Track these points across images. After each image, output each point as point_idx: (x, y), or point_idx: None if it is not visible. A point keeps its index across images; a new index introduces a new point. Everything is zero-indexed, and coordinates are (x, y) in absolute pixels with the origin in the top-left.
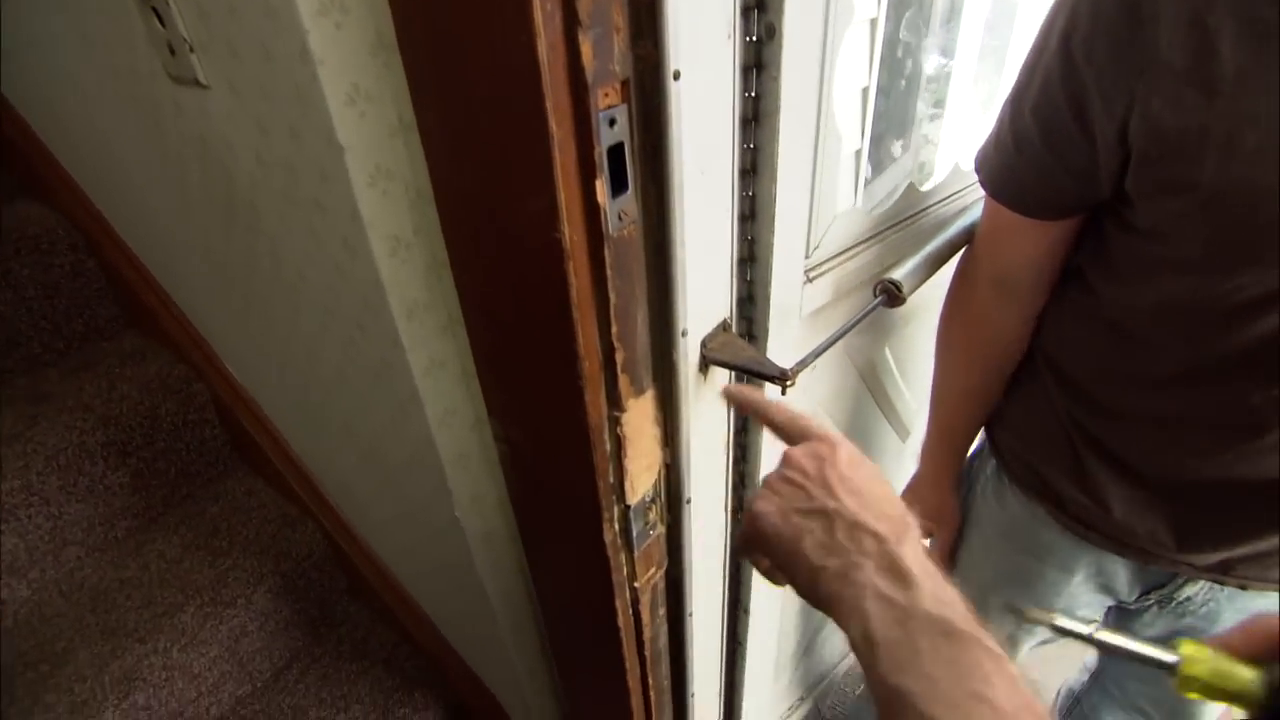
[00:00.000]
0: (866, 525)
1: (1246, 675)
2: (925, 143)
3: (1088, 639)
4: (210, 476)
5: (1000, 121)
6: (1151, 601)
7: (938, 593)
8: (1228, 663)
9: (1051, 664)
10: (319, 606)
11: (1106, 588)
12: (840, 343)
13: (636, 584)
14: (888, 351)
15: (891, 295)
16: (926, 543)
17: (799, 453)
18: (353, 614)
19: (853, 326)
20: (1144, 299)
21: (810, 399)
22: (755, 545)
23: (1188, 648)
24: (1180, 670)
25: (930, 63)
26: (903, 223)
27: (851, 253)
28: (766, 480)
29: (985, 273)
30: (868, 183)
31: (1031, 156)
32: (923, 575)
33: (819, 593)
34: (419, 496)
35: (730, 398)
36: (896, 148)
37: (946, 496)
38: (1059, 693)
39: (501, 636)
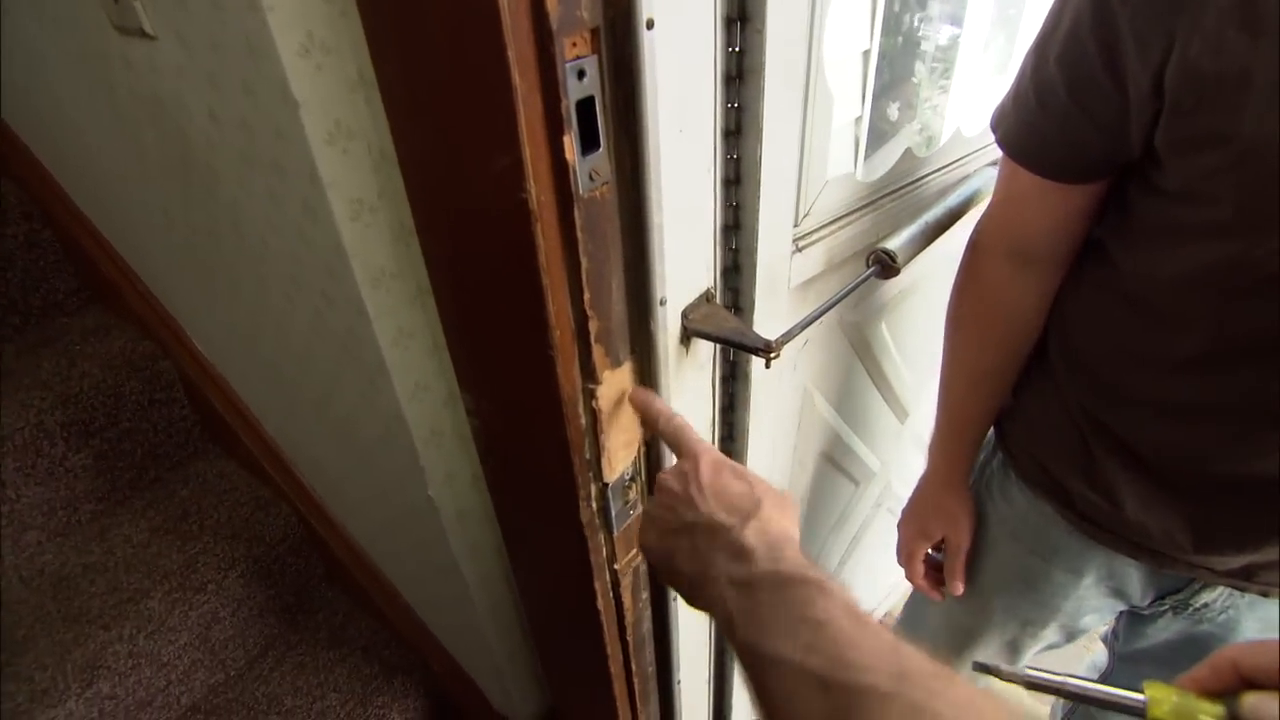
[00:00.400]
0: (718, 523)
1: (1211, 711)
2: (933, 113)
3: (1059, 690)
4: (179, 458)
5: (1021, 74)
6: (1166, 607)
7: (772, 553)
8: (1192, 700)
9: (1057, 658)
10: (294, 592)
11: (1118, 591)
12: (834, 318)
13: (617, 566)
14: (884, 328)
15: (885, 266)
16: (932, 551)
17: (668, 476)
18: (330, 600)
19: (842, 298)
20: (1167, 270)
21: (801, 376)
22: (656, 576)
23: (1153, 690)
24: (1147, 713)
25: (939, 32)
26: (900, 190)
27: (844, 221)
28: (644, 510)
29: (1000, 243)
30: (868, 155)
31: (1055, 111)
32: (759, 545)
33: (700, 601)
34: (392, 475)
35: (633, 402)
36: (894, 109)
37: (959, 495)
38: None
39: (480, 621)
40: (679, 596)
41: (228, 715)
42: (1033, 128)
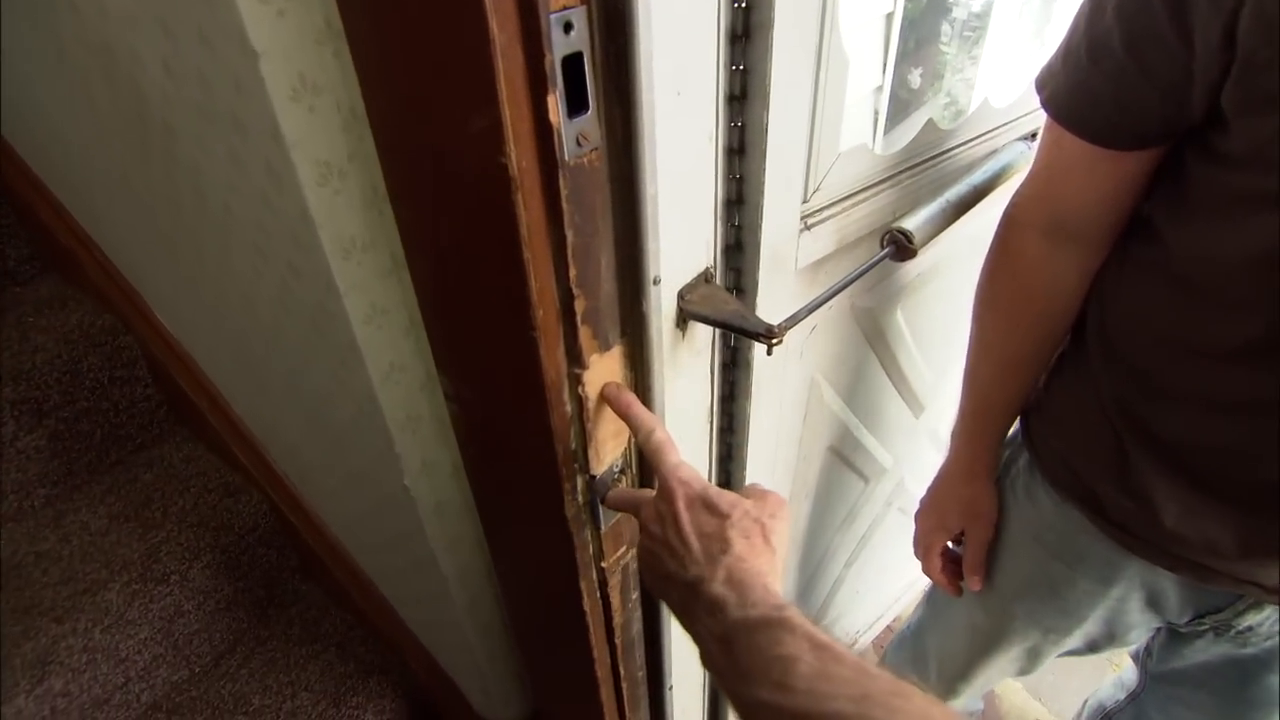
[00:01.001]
0: (692, 578)
1: None
2: (962, 84)
3: None
4: (143, 441)
5: (1073, 29)
6: (1206, 626)
7: (741, 599)
8: None
9: (1076, 673)
10: (265, 585)
11: (1154, 605)
12: (845, 303)
13: (604, 564)
14: (899, 315)
15: (901, 246)
16: (951, 544)
17: (650, 516)
18: (304, 594)
19: (853, 280)
20: (1224, 248)
21: (808, 365)
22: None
23: None
24: None
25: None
26: (920, 165)
27: (858, 198)
28: (637, 548)
29: (1038, 217)
30: (887, 127)
31: (1110, 69)
32: (728, 594)
33: (700, 655)
34: (366, 462)
35: (609, 401)
36: (916, 77)
37: (981, 487)
38: (1084, 704)
39: (459, 618)
40: None
41: (191, 714)
42: (1083, 88)
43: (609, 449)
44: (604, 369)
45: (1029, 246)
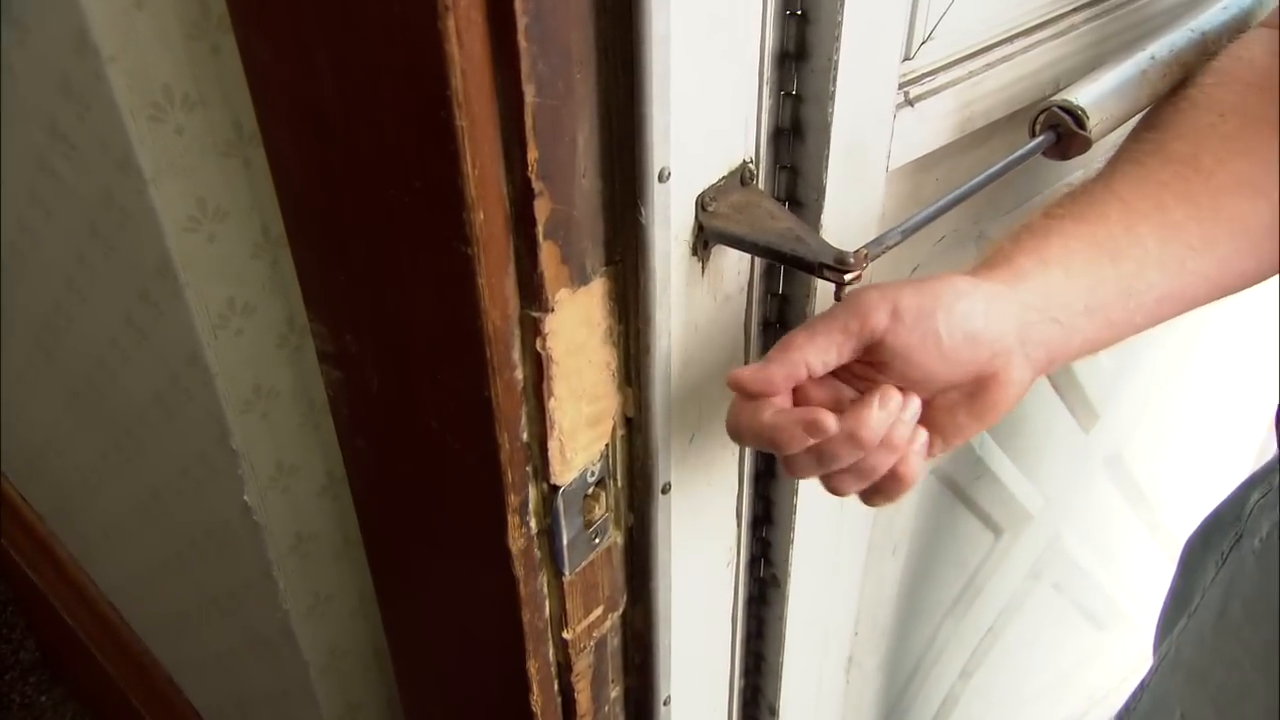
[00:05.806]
0: None
1: None
2: None
3: None
4: None
5: None
6: None
7: None
8: None
9: None
10: None
11: None
12: (968, 231)
13: (568, 635)
14: None
15: (1066, 135)
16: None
17: None
18: (41, 708)
19: (980, 187)
20: None
21: None
22: None
23: None
24: None
25: None
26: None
27: (998, 53)
28: None
29: None
30: None
31: None
32: None
33: None
34: (178, 467)
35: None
36: None
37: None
38: None
39: None
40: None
41: None
42: None
43: (581, 443)
44: (578, 313)
45: None
